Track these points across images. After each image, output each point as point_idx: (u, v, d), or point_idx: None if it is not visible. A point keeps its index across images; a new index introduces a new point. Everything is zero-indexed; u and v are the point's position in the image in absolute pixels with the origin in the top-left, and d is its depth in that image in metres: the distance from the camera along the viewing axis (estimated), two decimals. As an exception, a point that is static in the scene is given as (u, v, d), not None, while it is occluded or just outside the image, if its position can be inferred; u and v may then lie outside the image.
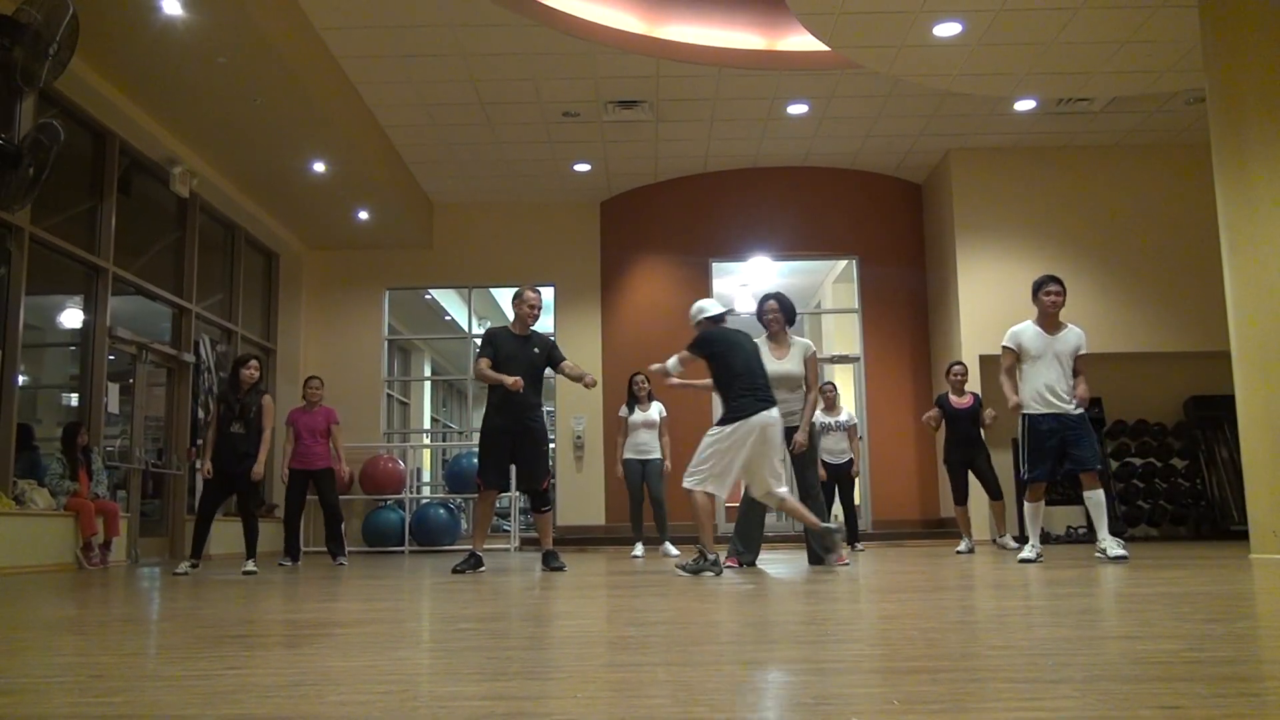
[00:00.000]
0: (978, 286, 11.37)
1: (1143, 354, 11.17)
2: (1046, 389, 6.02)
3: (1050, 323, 6.11)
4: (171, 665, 2.23)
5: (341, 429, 8.40)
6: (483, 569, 6.30)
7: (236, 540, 8.06)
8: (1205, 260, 9.72)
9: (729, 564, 6.19)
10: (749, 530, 6.27)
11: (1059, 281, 6.14)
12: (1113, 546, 5.89)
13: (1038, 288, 6.16)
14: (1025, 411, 6.09)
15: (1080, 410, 6.02)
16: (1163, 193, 11.49)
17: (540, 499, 6.51)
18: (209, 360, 10.74)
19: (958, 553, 7.99)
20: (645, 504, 8.84)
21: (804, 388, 6.28)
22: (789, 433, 6.26)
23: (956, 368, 8.57)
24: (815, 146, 11.70)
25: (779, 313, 6.33)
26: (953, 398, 8.43)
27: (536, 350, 6.44)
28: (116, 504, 8.28)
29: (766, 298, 6.44)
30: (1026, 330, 6.17)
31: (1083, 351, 6.15)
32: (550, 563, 6.29)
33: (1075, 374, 6.10)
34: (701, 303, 5.96)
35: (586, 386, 6.41)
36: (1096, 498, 6.04)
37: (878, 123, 10.97)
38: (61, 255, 8.27)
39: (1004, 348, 6.25)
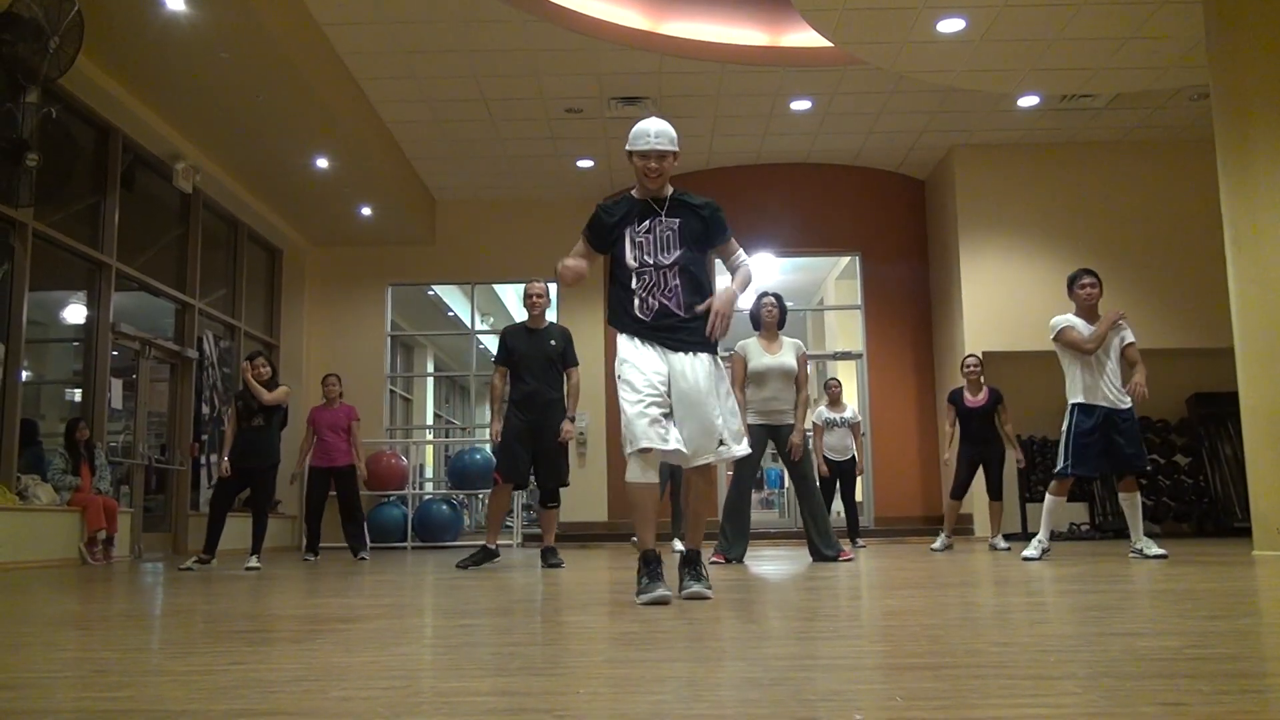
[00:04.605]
0: (981, 283, 11.35)
1: (1146, 350, 11.08)
2: (1094, 383, 5.92)
3: (1091, 315, 6.04)
4: (175, 660, 2.23)
5: (360, 426, 8.39)
6: (497, 559, 6.35)
7: (239, 536, 8.06)
8: (1208, 257, 9.67)
9: (715, 560, 6.12)
10: (735, 524, 6.25)
11: (1094, 274, 6.09)
12: (1150, 545, 5.89)
13: (1072, 282, 6.12)
14: (1074, 401, 6.00)
15: (1130, 405, 5.94)
16: (1166, 189, 11.47)
17: (550, 494, 6.50)
18: (212, 356, 10.76)
19: (932, 550, 7.73)
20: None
21: (796, 386, 6.27)
22: (783, 432, 6.25)
23: (970, 360, 8.12)
24: (818, 143, 11.68)
25: (775, 308, 6.38)
26: (967, 395, 8.02)
27: (553, 343, 6.40)
28: (115, 501, 8.26)
29: (764, 294, 6.46)
30: (1076, 324, 6.03)
31: (1130, 341, 6.04)
32: (549, 559, 6.28)
33: (1132, 364, 6.01)
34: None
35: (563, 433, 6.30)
36: (1133, 500, 6.02)
37: (881, 119, 10.95)
38: (65, 251, 8.27)
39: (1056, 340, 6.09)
